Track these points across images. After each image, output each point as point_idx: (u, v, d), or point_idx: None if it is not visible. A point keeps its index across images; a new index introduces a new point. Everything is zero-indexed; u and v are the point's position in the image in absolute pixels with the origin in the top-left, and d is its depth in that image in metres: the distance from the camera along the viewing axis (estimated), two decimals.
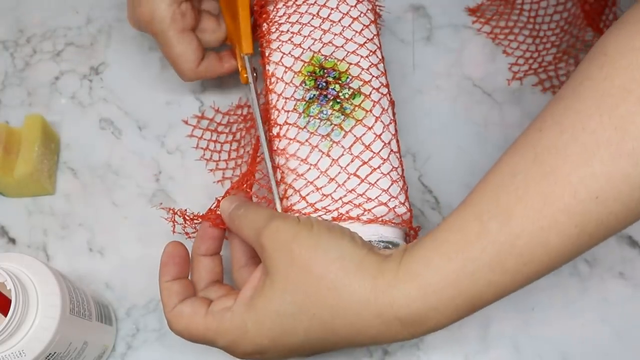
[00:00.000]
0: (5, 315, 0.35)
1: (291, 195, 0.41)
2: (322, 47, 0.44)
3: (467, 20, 0.56)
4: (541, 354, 0.45)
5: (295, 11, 0.46)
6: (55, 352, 0.38)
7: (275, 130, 0.43)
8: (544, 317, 0.46)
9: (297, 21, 0.45)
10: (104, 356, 0.45)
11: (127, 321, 0.46)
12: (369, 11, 0.46)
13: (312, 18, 0.45)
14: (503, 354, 0.45)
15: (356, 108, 0.42)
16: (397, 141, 0.43)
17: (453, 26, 0.56)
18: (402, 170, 0.42)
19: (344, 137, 0.41)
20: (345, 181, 0.40)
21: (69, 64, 0.54)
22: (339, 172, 0.40)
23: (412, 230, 0.42)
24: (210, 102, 0.53)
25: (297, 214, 0.40)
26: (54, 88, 0.54)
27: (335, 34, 0.44)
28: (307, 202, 0.40)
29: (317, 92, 0.43)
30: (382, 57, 0.45)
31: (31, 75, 0.54)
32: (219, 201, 0.40)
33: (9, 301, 0.35)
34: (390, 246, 0.40)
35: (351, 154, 0.41)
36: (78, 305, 0.40)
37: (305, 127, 0.42)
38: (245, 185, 0.42)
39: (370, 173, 0.40)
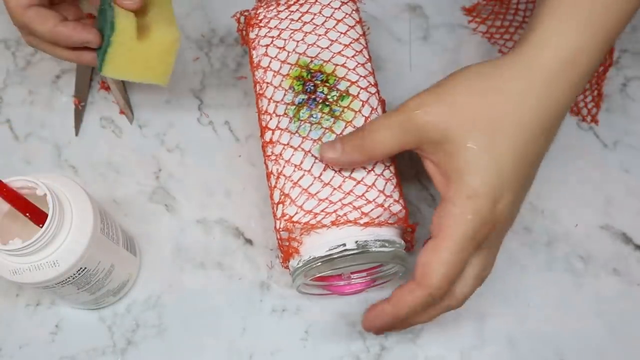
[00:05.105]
0: (42, 225, 0.36)
1: (288, 203, 0.41)
2: (308, 50, 0.44)
3: (463, 20, 0.56)
4: (536, 349, 0.46)
5: (283, 17, 0.46)
6: (85, 268, 0.39)
7: (267, 136, 0.43)
8: (538, 313, 0.46)
9: (285, 27, 0.45)
10: (128, 284, 0.46)
11: (127, 317, 0.47)
12: (354, 12, 0.46)
13: (299, 22, 0.45)
14: (498, 350, 0.46)
15: (345, 109, 0.42)
16: None
17: (449, 26, 0.56)
18: (396, 168, 0.42)
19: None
20: (340, 184, 0.40)
21: (70, 63, 0.55)
22: (333, 176, 0.40)
23: (408, 228, 0.42)
24: (209, 101, 0.53)
25: (293, 224, 0.40)
26: (54, 87, 0.54)
27: (321, 36, 0.44)
28: (304, 210, 0.40)
29: (306, 96, 0.42)
30: (369, 56, 0.45)
31: (32, 74, 0.54)
32: None
33: (46, 215, 0.37)
34: (387, 244, 0.40)
35: None
36: (108, 227, 0.41)
37: (296, 131, 0.42)
38: None
39: (365, 176, 0.40)
